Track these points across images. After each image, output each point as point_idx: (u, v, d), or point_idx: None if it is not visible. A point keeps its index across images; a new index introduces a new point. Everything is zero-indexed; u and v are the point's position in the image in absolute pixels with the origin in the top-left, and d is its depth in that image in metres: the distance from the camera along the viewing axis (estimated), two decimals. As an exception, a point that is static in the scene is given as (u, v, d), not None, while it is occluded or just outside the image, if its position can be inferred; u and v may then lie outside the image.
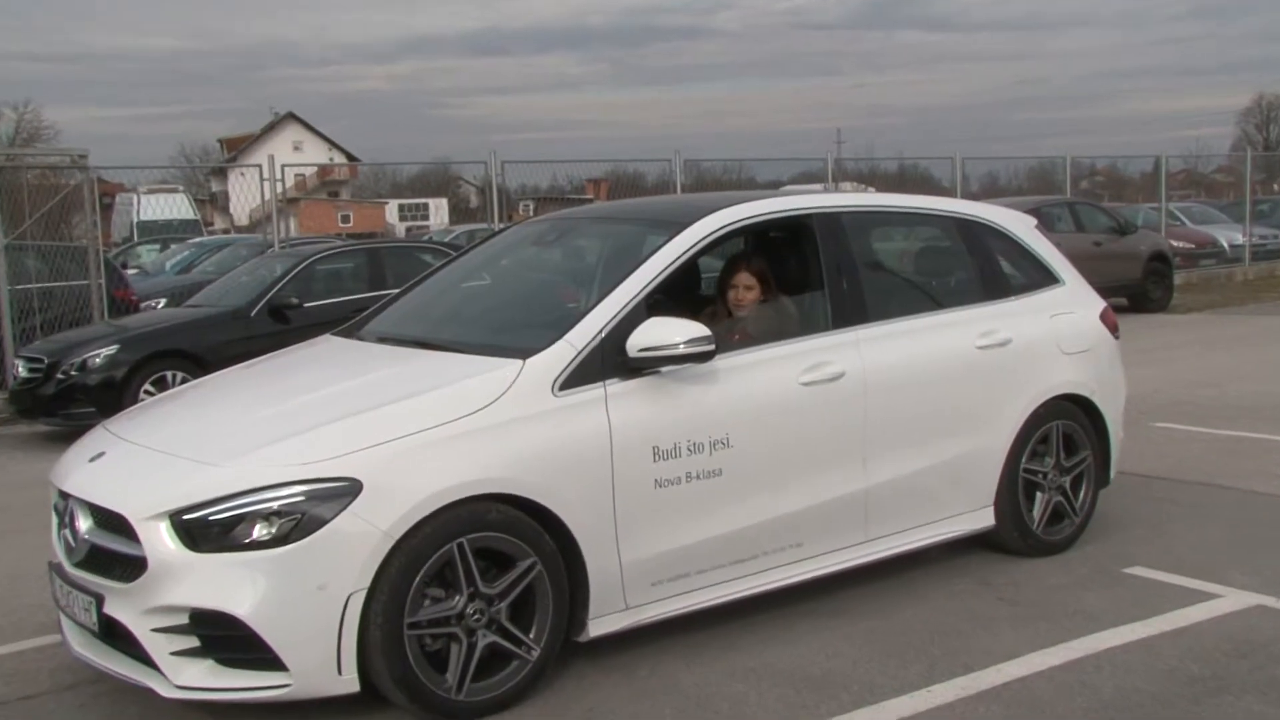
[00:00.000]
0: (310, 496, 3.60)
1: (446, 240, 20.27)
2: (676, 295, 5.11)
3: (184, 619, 3.60)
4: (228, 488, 3.63)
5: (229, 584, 3.53)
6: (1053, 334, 5.62)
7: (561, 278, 5.57)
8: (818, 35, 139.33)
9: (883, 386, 4.93)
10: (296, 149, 70.55)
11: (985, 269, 5.66)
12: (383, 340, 4.93)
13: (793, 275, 5.22)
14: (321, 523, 3.58)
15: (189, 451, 3.91)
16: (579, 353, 4.17)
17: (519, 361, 4.12)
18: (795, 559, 4.71)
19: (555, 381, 4.10)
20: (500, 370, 4.09)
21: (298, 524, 3.56)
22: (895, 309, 5.22)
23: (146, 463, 3.95)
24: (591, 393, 4.15)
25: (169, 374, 10.25)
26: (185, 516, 3.62)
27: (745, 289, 5.06)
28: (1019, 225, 5.93)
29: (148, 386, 10.13)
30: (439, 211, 52.81)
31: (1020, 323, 5.52)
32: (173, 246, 23.33)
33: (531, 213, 28.22)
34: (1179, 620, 4.65)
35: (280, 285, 11.26)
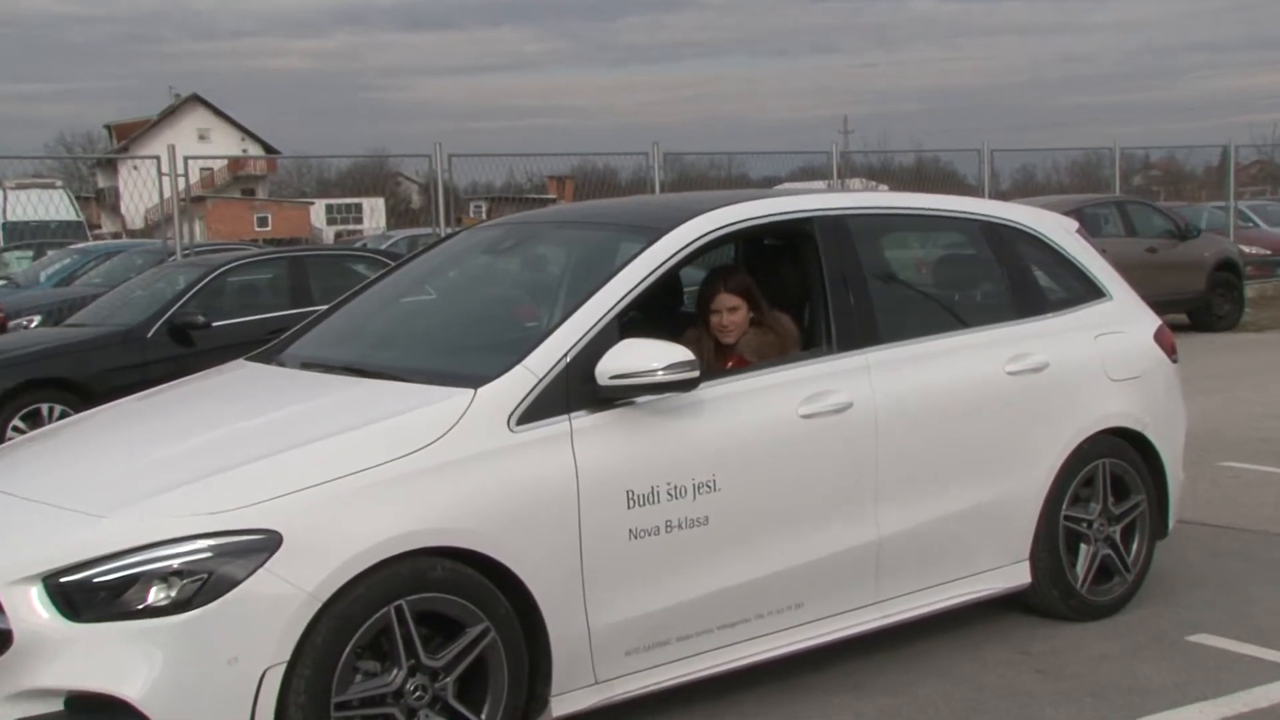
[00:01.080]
0: (218, 552, 3.59)
1: (383, 248, 20.24)
2: (655, 313, 5.16)
3: (58, 705, 3.52)
4: (117, 543, 3.60)
5: (117, 660, 3.48)
6: (1098, 357, 5.70)
7: (519, 292, 5.62)
8: (817, 6, 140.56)
9: (897, 419, 4.98)
10: (202, 138, 70.62)
11: (1017, 281, 5.75)
12: (307, 366, 4.97)
13: (791, 289, 5.29)
14: (232, 584, 3.57)
15: (68, 500, 3.86)
16: (540, 380, 4.22)
17: (469, 391, 4.15)
18: (795, 623, 4.75)
19: (512, 414, 4.14)
20: (447, 401, 4.13)
21: (203, 586, 3.56)
22: (912, 328, 5.28)
23: (14, 514, 3.90)
24: (554, 427, 4.19)
25: (44, 407, 10.19)
26: (63, 579, 3.56)
27: (729, 312, 5.13)
28: (1058, 229, 6.02)
29: (17, 422, 10.07)
30: (374, 213, 52.85)
31: (1059, 344, 5.60)
32: (49, 253, 23.13)
33: (484, 215, 28.30)
34: (1255, 700, 4.63)
35: (183, 301, 11.25)
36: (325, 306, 5.80)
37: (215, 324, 11.08)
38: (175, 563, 3.56)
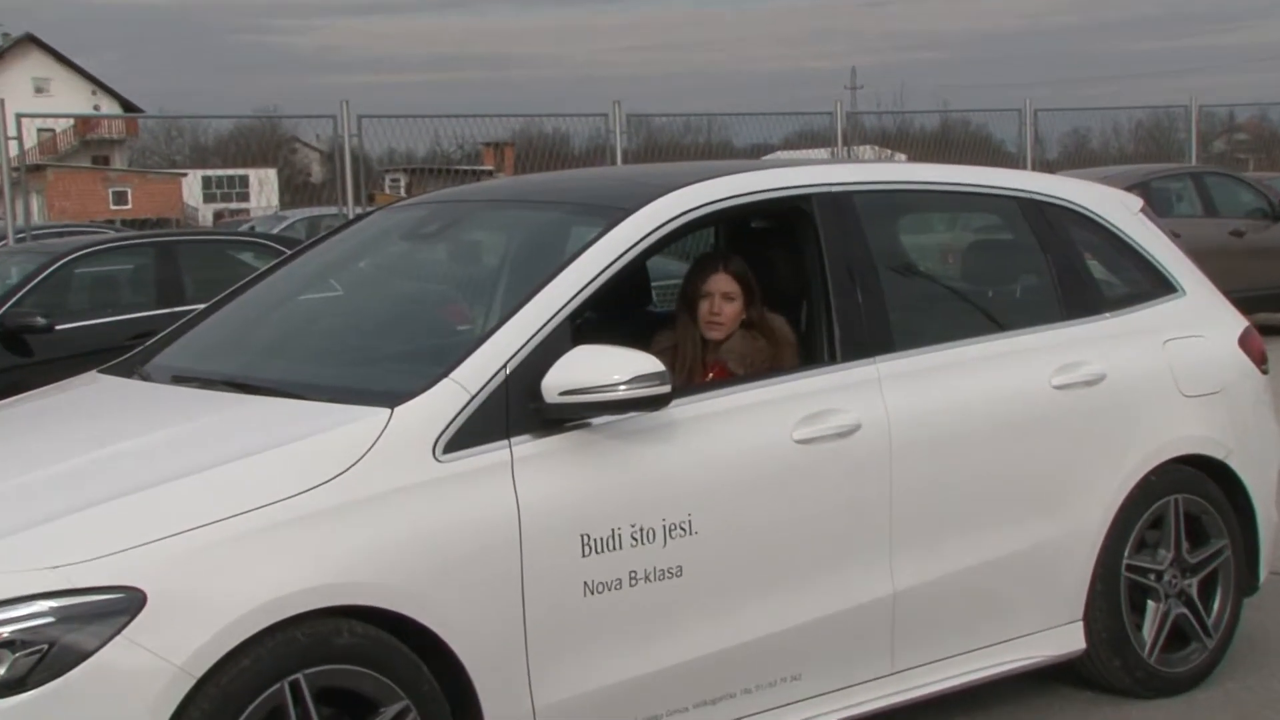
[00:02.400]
0: (64, 617, 3.56)
1: (276, 232, 20.20)
2: (617, 314, 5.23)
3: None
4: None
5: None
6: (1167, 367, 5.75)
7: (447, 288, 5.66)
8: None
9: (916, 445, 5.03)
10: (40, 91, 70.03)
11: (1067, 273, 5.78)
12: (180, 380, 4.97)
13: (785, 284, 5.34)
14: (81, 655, 3.54)
15: None
16: (472, 398, 4.25)
17: (384, 411, 4.17)
18: (790, 699, 4.77)
19: (437, 440, 4.17)
20: (355, 424, 4.15)
21: (42, 659, 3.52)
22: (934, 332, 5.33)
23: None
24: (491, 456, 4.23)
25: None
26: None
27: (723, 298, 5.17)
28: (1118, 209, 6.06)
29: None
30: (264, 188, 52.49)
31: (1118, 351, 5.64)
32: None
33: (403, 192, 28.23)
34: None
35: (16, 298, 11.22)
36: (202, 306, 5.79)
37: (59, 327, 11.03)
38: (6, 630, 3.52)
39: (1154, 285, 5.97)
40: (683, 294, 5.31)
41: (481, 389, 4.27)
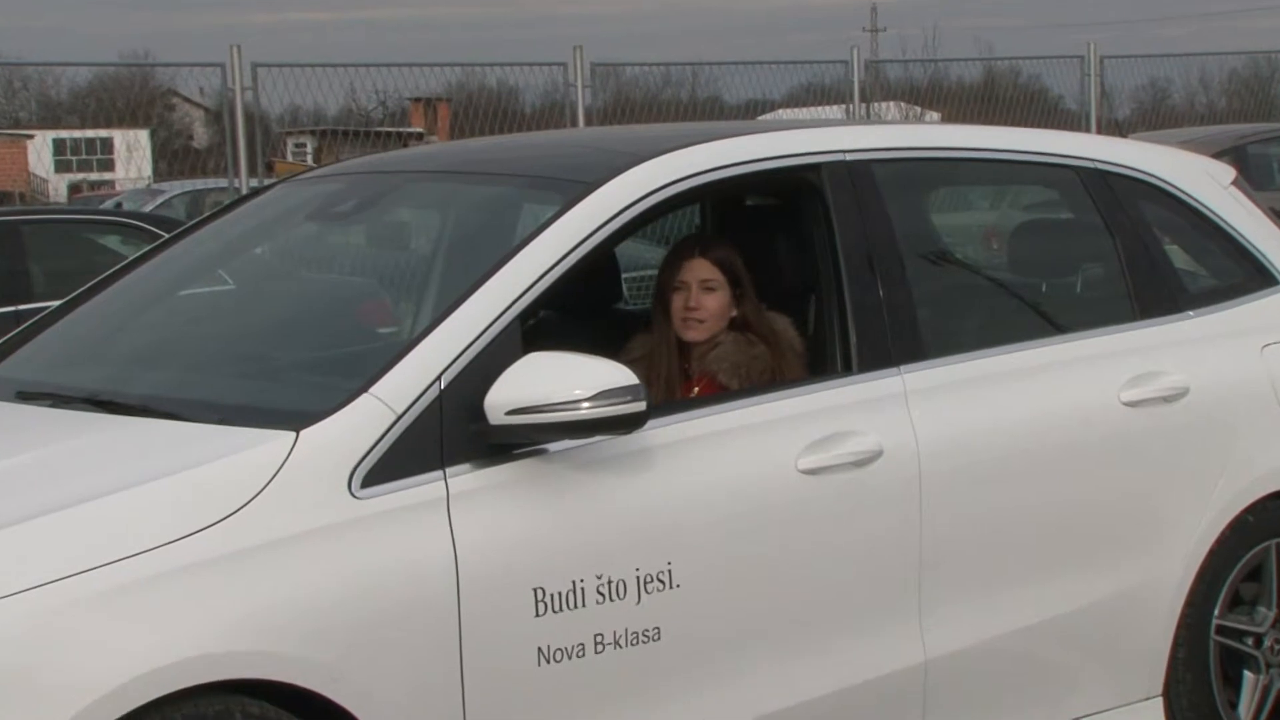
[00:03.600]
0: None
1: (149, 210, 20.15)
2: (580, 313, 5.27)
3: None
4: None
5: None
6: (1267, 377, 5.78)
7: (367, 281, 5.73)
8: None
9: (951, 476, 5.05)
10: None
11: (1139, 260, 5.76)
12: (25, 397, 4.92)
13: (788, 276, 5.39)
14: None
15: None
16: (398, 418, 4.24)
17: (286, 435, 4.16)
18: (797, 796, 4.82)
19: (355, 471, 4.16)
20: (251, 452, 4.14)
21: None
22: (974, 335, 5.40)
23: None
24: (422, 490, 4.22)
25: None
26: None
27: (702, 289, 5.17)
28: (1204, 181, 6.06)
29: None
30: (134, 155, 52.25)
31: (1205, 358, 5.65)
32: None
33: (310, 160, 28.17)
34: None
35: None
36: (55, 303, 5.77)
37: None
38: None
39: (1249, 276, 5.97)
40: (658, 288, 5.32)
41: (409, 407, 4.25)
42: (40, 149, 54.32)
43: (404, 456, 4.23)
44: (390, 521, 4.15)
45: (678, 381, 5.17)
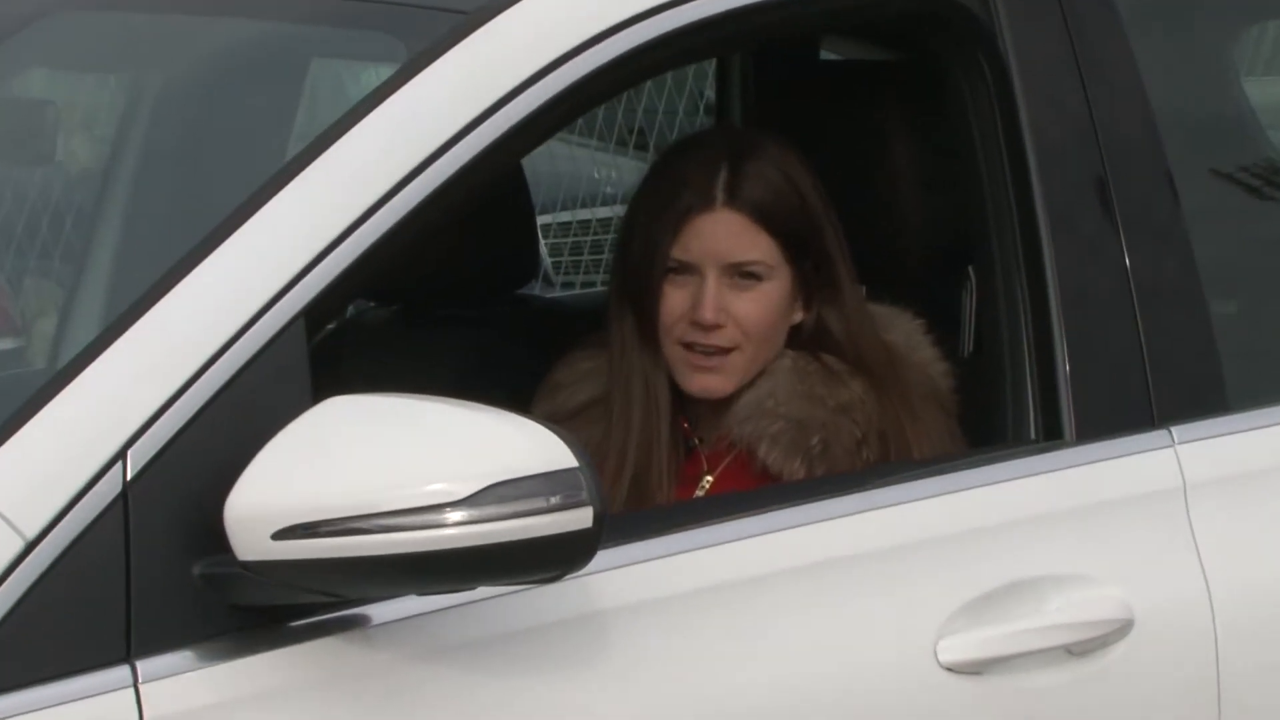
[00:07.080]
0: None
1: None
2: (445, 307, 3.91)
3: None
4: None
5: None
6: None
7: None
8: None
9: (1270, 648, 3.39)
10: None
11: None
12: None
13: (911, 225, 3.69)
14: None
15: None
16: (27, 548, 2.66)
17: None
18: None
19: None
20: None
21: None
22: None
23: None
24: (84, 708, 2.61)
25: None
26: None
27: (740, 277, 3.39)
28: None
29: None
30: None
31: None
32: None
33: None
34: None
35: None
36: None
37: None
38: None
39: None
40: (627, 263, 3.49)
41: (50, 526, 2.61)
42: None
43: (40, 638, 2.67)
44: None
45: (669, 462, 3.39)
